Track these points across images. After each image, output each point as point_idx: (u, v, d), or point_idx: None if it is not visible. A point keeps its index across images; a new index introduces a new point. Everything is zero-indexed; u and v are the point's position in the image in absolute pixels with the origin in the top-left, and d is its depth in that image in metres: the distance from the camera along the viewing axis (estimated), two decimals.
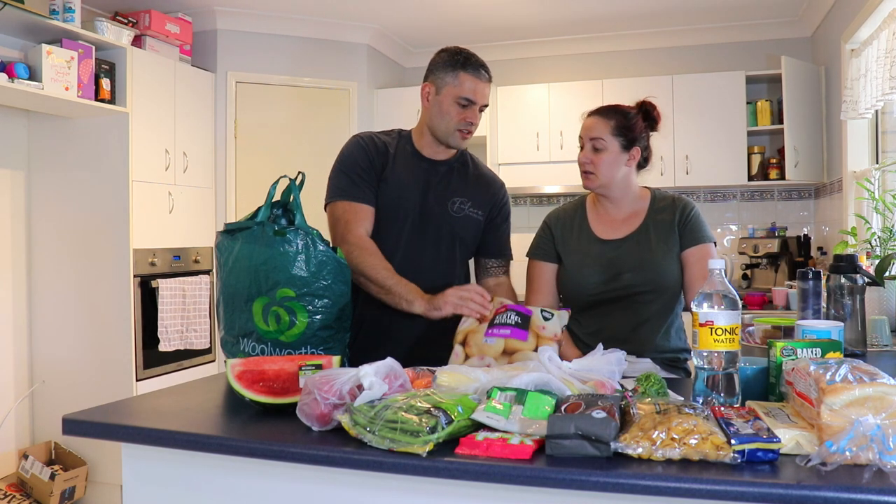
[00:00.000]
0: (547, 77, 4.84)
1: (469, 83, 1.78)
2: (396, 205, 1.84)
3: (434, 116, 1.83)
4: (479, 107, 1.82)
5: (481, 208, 1.91)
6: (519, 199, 5.00)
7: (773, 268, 4.29)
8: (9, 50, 3.26)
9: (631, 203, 1.91)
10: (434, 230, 1.85)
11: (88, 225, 3.56)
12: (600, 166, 1.84)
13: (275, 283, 1.50)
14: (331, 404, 1.15)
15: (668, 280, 1.83)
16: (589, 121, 1.88)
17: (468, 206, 1.88)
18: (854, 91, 3.33)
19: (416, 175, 1.86)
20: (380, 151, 1.85)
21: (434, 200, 1.86)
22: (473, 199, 1.90)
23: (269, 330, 1.52)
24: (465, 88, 1.78)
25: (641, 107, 1.90)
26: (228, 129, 4.22)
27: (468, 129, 1.82)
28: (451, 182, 1.90)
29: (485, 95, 1.81)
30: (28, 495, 3.36)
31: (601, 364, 1.34)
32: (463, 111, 1.79)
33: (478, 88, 1.79)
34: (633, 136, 1.85)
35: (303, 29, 4.43)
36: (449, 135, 1.83)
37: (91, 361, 3.54)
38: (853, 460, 0.92)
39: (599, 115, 1.87)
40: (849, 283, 1.85)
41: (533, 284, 1.96)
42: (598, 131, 1.84)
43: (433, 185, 1.87)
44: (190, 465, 1.24)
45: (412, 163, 1.87)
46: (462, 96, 1.78)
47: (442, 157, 1.90)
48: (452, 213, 1.86)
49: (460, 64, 1.79)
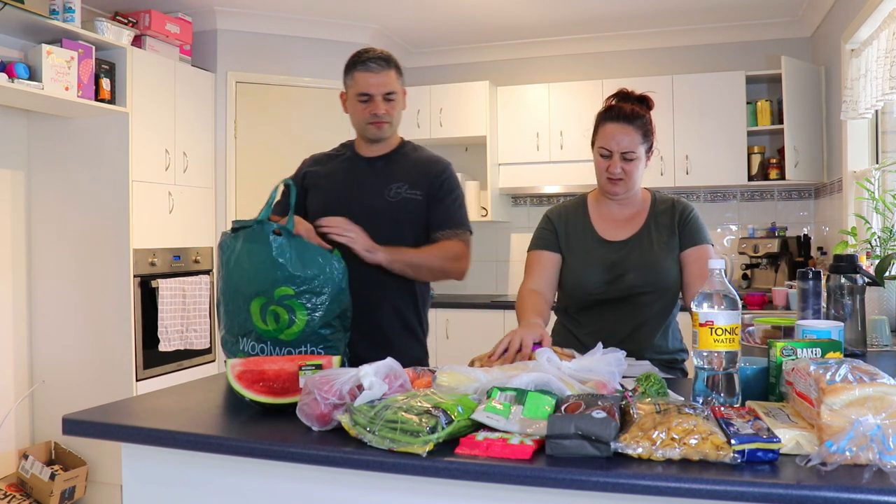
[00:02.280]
0: (547, 77, 4.84)
1: (361, 79, 1.88)
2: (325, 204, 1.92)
3: (351, 118, 1.97)
4: (380, 97, 1.89)
5: (419, 188, 1.94)
6: (519, 199, 5.00)
7: (773, 268, 4.29)
8: (9, 50, 3.26)
9: (634, 203, 1.91)
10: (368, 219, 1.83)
11: (88, 225, 3.56)
12: (633, 175, 1.82)
13: (273, 281, 1.51)
14: (331, 404, 1.15)
15: (668, 281, 1.83)
16: (615, 129, 1.80)
17: (405, 188, 1.93)
18: (854, 91, 3.33)
19: (350, 174, 1.97)
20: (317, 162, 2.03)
21: (368, 192, 1.93)
22: (410, 182, 1.94)
23: (267, 329, 1.53)
24: (360, 85, 1.89)
25: (644, 102, 1.88)
26: (228, 129, 4.22)
27: (377, 121, 1.91)
28: (389, 172, 1.97)
29: (380, 84, 1.88)
30: (28, 495, 3.36)
31: (601, 364, 1.34)
32: (365, 106, 1.90)
33: (370, 80, 1.88)
34: (651, 139, 1.85)
35: (303, 29, 4.43)
36: (364, 130, 1.95)
37: (91, 361, 3.54)
38: (853, 460, 0.92)
39: (625, 122, 1.80)
40: (849, 283, 1.85)
41: (532, 270, 1.92)
42: (628, 143, 1.79)
43: (369, 178, 1.96)
44: (190, 465, 1.24)
45: (349, 165, 2.00)
46: (359, 93, 1.89)
47: (379, 153, 1.99)
48: (389, 198, 1.92)
49: (353, 65, 1.91)
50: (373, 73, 1.87)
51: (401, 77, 1.95)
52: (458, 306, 4.39)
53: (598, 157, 1.85)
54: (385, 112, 1.90)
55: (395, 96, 1.91)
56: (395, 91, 1.90)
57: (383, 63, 1.89)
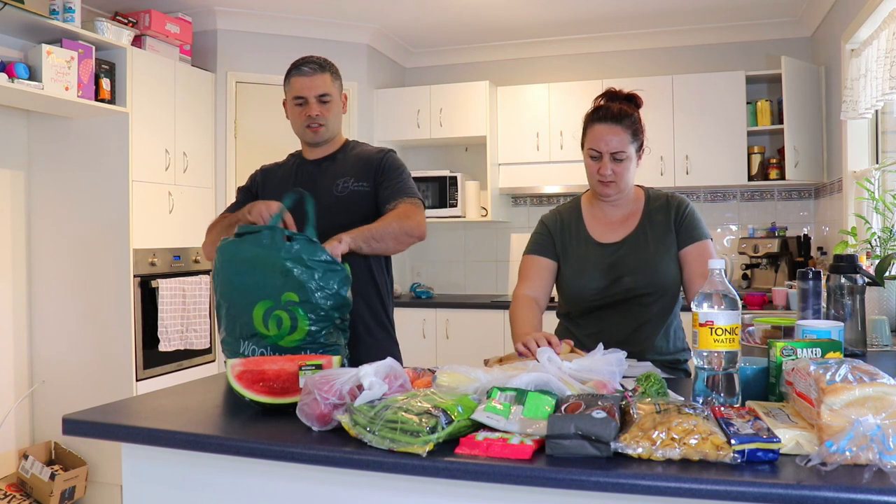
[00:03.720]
0: (547, 77, 4.84)
1: (296, 83, 1.94)
2: None
3: (291, 124, 2.02)
4: (314, 99, 1.93)
5: (365, 179, 1.96)
6: (519, 199, 5.00)
7: (773, 268, 4.29)
8: (9, 50, 3.26)
9: (628, 203, 1.90)
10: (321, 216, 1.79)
11: (88, 225, 3.56)
12: (624, 176, 1.81)
13: (281, 286, 1.51)
14: (331, 404, 1.15)
15: (667, 281, 1.82)
16: (603, 130, 1.79)
17: (352, 182, 1.96)
18: (854, 91, 3.33)
19: (298, 177, 2.02)
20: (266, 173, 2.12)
21: (318, 190, 1.92)
22: (356, 175, 1.97)
23: (268, 334, 1.53)
24: (294, 89, 1.94)
25: (633, 100, 1.85)
26: (228, 129, 4.22)
27: (313, 124, 1.95)
28: (334, 170, 2.00)
29: (314, 87, 1.92)
30: (28, 495, 3.36)
31: (601, 364, 1.34)
32: (301, 109, 1.95)
33: (304, 84, 1.92)
34: (641, 137, 1.83)
35: (303, 29, 4.43)
36: (302, 134, 2.00)
37: (91, 361, 3.54)
38: (853, 460, 0.92)
39: (614, 122, 1.78)
40: (849, 283, 1.85)
41: (527, 275, 1.92)
42: (618, 143, 1.77)
43: (316, 178, 2.00)
44: (190, 465, 1.24)
45: (296, 169, 2.05)
46: (294, 97, 1.95)
47: (322, 154, 2.03)
48: (337, 193, 1.94)
49: (289, 72, 1.97)
50: (306, 76, 1.93)
51: (337, 81, 1.99)
52: (457, 306, 4.39)
53: (587, 158, 1.83)
54: (319, 114, 1.93)
55: (329, 98, 1.94)
56: (329, 93, 1.94)
57: (316, 67, 1.94)
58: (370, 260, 1.96)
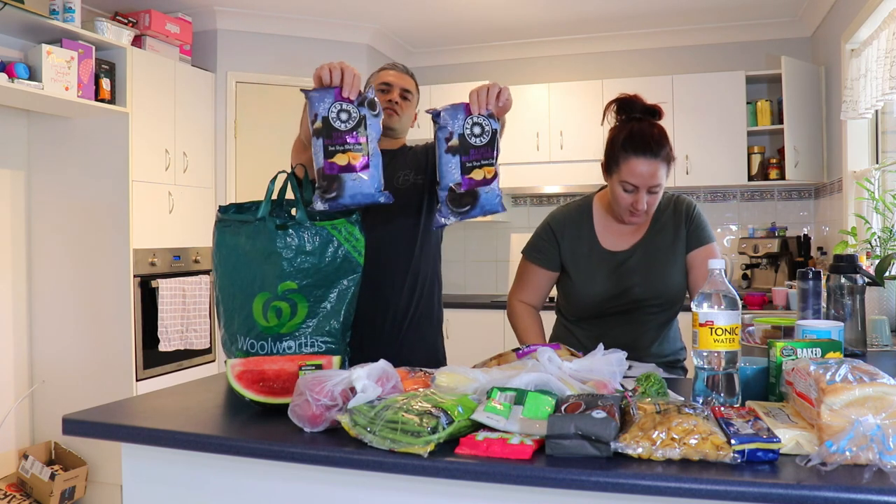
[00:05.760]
0: (547, 77, 4.84)
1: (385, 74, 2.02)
2: None
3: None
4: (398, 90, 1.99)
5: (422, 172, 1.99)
6: (519, 199, 5.00)
7: (773, 268, 4.29)
8: (9, 50, 3.26)
9: None
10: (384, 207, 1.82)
11: (88, 225, 3.56)
12: (654, 205, 1.73)
13: (277, 276, 1.51)
14: (322, 406, 1.15)
15: (674, 291, 1.82)
16: (641, 165, 1.65)
17: (412, 175, 1.99)
18: (854, 91, 3.33)
19: None
20: None
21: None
22: (415, 168, 2.00)
23: (268, 325, 1.53)
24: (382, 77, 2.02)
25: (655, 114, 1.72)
26: (228, 129, 4.22)
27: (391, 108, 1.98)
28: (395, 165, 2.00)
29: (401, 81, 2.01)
30: (28, 495, 3.36)
31: (601, 364, 1.34)
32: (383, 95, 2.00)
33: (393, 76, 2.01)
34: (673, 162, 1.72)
35: (303, 29, 4.43)
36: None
37: (91, 361, 3.54)
38: (853, 460, 0.92)
39: (652, 157, 1.64)
40: (849, 283, 1.85)
41: (527, 281, 1.91)
42: (658, 178, 1.66)
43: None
44: (190, 465, 1.24)
45: None
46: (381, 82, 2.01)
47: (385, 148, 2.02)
48: (397, 186, 1.95)
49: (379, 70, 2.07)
50: (398, 70, 2.03)
51: (417, 94, 2.06)
52: (458, 306, 4.39)
53: (618, 188, 1.70)
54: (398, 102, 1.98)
55: (410, 96, 2.02)
56: (411, 92, 2.02)
57: (405, 70, 2.05)
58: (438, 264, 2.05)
